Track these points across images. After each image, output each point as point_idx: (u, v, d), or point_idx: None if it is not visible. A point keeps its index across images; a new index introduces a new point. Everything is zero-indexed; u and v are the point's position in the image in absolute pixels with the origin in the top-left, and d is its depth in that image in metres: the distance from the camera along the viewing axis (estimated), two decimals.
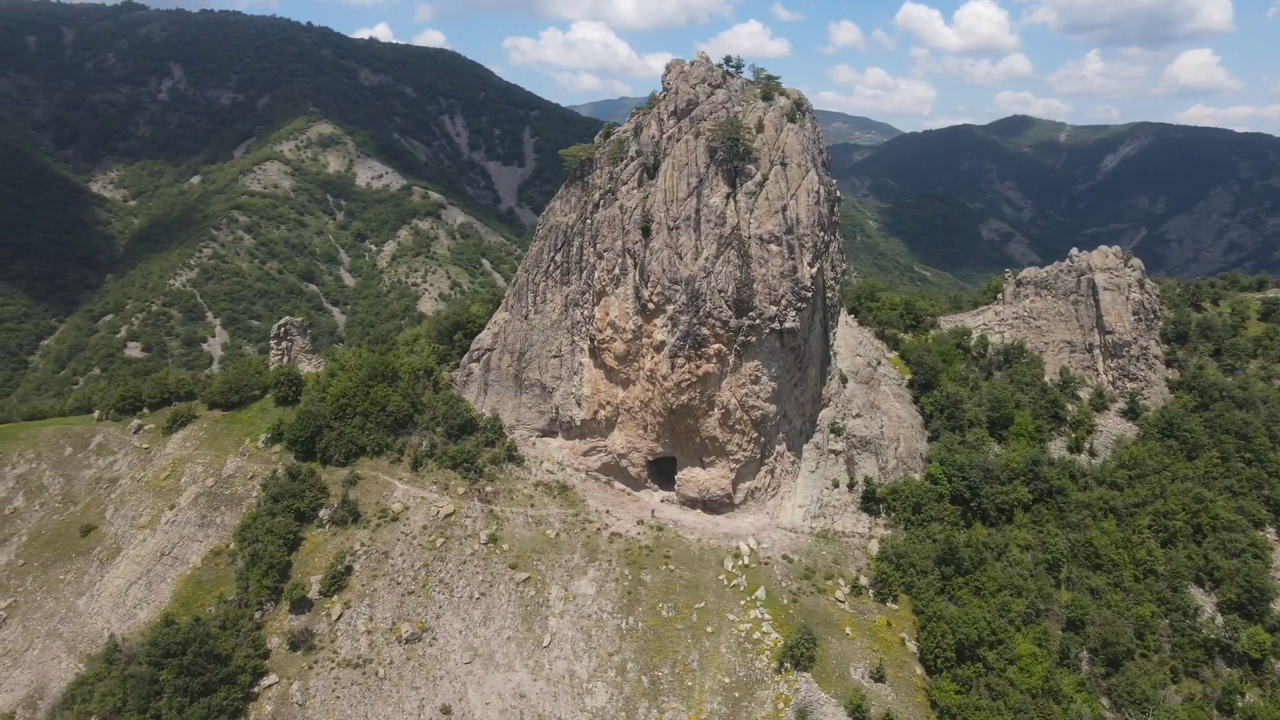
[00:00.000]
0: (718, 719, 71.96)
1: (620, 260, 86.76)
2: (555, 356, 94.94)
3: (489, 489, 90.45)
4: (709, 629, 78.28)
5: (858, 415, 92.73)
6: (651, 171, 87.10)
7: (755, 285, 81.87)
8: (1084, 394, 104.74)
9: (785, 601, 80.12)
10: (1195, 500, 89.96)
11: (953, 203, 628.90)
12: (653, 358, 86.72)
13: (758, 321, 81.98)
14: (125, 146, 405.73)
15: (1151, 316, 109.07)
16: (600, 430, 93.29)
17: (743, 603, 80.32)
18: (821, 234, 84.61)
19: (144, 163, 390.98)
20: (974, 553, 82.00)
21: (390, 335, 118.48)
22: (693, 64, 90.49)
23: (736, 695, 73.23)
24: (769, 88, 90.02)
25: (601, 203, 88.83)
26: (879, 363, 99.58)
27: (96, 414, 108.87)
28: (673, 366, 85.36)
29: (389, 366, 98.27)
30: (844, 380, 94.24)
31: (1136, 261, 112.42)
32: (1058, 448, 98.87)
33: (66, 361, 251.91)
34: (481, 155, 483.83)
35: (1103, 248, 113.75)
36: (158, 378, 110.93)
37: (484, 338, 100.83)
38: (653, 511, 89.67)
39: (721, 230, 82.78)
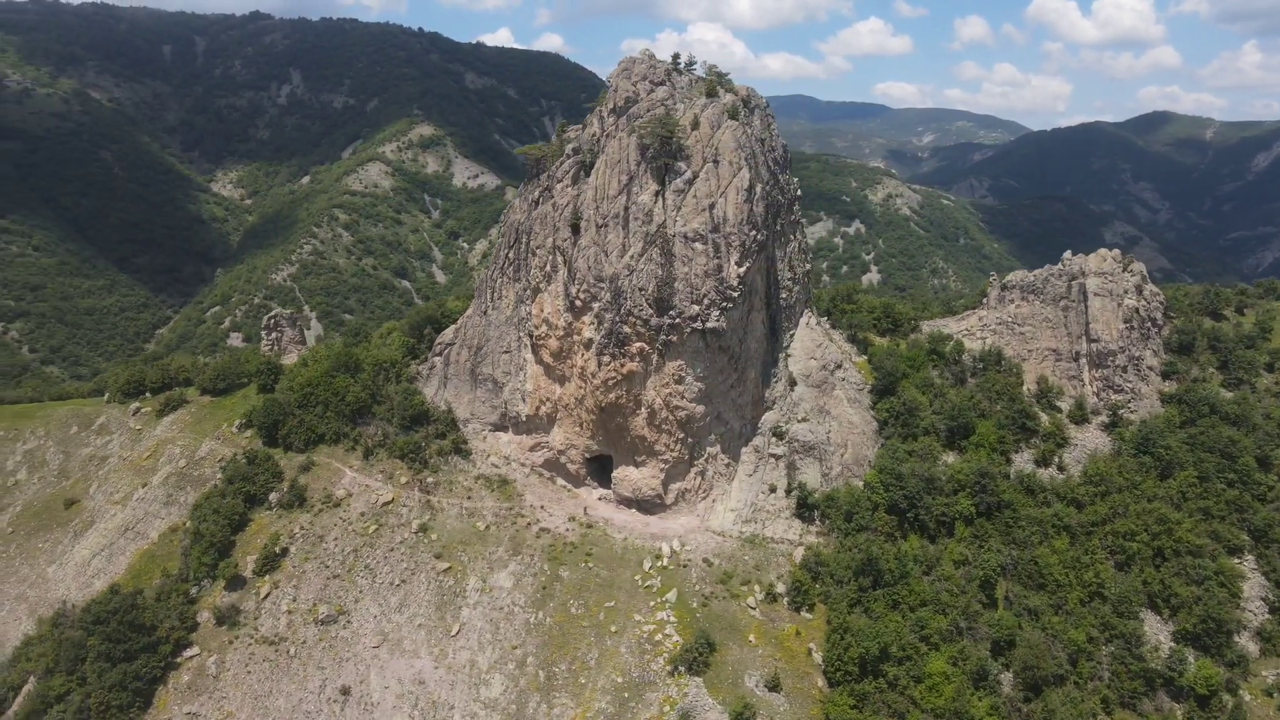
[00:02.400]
0: (603, 718, 71.80)
1: (551, 257, 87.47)
2: (506, 352, 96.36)
3: (431, 480, 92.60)
4: (613, 628, 78.12)
5: (803, 419, 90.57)
6: (589, 169, 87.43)
7: (676, 284, 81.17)
8: (1065, 405, 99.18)
9: (695, 605, 79.14)
10: (1158, 521, 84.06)
11: (1074, 204, 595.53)
12: (583, 355, 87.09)
13: (677, 321, 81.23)
14: (245, 148, 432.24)
15: (1148, 325, 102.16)
16: (543, 426, 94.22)
17: (652, 604, 79.77)
18: (754, 233, 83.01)
19: (260, 164, 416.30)
20: (897, 565, 79.01)
21: (365, 327, 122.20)
22: (635, 60, 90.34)
23: (626, 696, 72.89)
24: (713, 85, 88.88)
25: (540, 200, 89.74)
26: (838, 366, 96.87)
27: (106, 396, 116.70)
28: (599, 364, 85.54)
29: (353, 358, 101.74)
30: (793, 383, 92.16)
31: (1138, 266, 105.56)
32: (1024, 460, 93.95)
33: (175, 349, 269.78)
34: None
35: (1101, 251, 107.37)
36: (161, 364, 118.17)
37: (447, 333, 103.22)
38: (585, 509, 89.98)
39: (648, 228, 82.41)
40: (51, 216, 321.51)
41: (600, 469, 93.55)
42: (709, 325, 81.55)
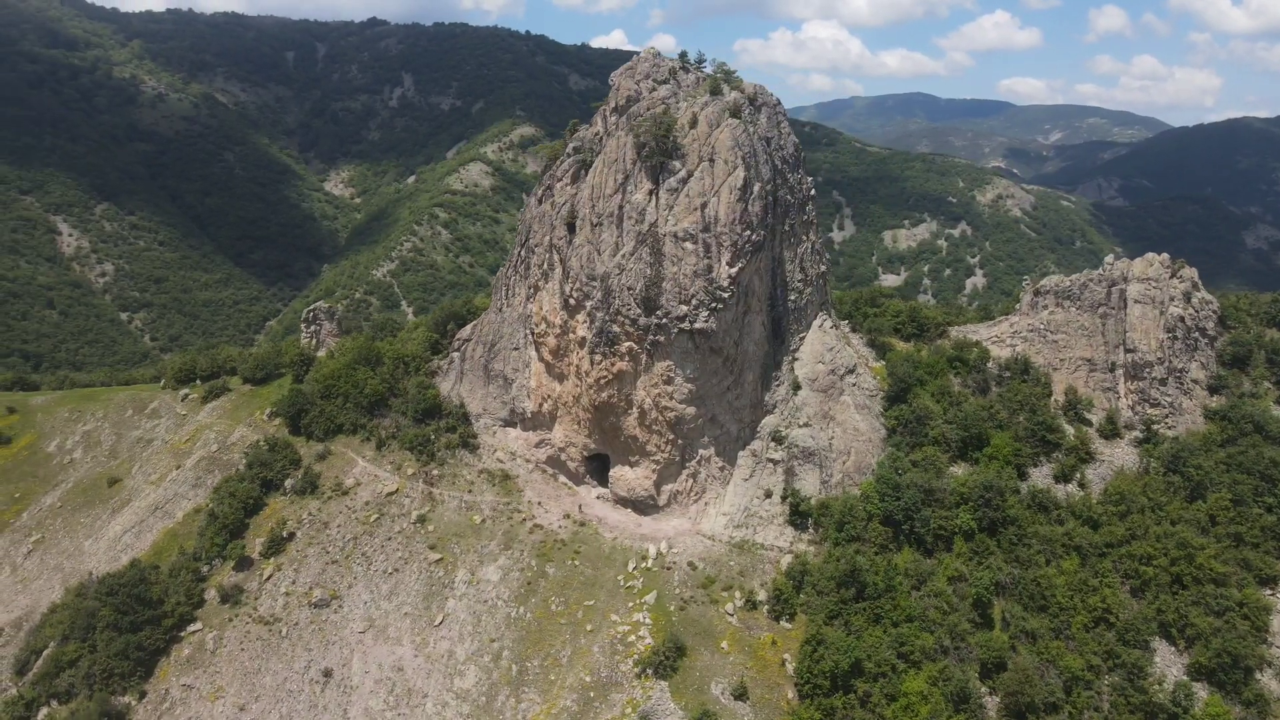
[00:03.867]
0: (567, 715, 71.92)
1: (548, 255, 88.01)
2: (515, 349, 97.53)
3: (435, 472, 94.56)
4: (589, 627, 78.12)
5: (805, 425, 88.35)
6: (589, 168, 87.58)
7: (665, 284, 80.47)
8: (1095, 418, 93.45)
9: (672, 608, 78.31)
10: (1178, 546, 78.20)
11: (1211, 205, 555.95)
12: (578, 353, 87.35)
13: (664, 321, 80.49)
14: (357, 149, 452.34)
15: (1196, 335, 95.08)
16: (546, 423, 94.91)
17: (631, 605, 79.39)
18: (748, 233, 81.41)
19: (370, 164, 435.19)
20: (882, 578, 76.10)
21: (390, 322, 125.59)
22: (640, 59, 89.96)
23: (591, 695, 72.81)
24: (717, 83, 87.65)
25: (542, 198, 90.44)
26: (849, 371, 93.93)
27: (162, 382, 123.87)
28: (592, 363, 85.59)
29: (375, 352, 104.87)
30: (797, 387, 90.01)
31: (1189, 272, 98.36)
32: (1042, 475, 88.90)
33: (280, 340, 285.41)
34: None
35: (1149, 255, 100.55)
36: (211, 353, 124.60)
37: (466, 329, 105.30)
38: (580, 506, 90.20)
39: (641, 227, 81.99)
40: (176, 214, 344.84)
41: (600, 467, 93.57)
42: (697, 326, 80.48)
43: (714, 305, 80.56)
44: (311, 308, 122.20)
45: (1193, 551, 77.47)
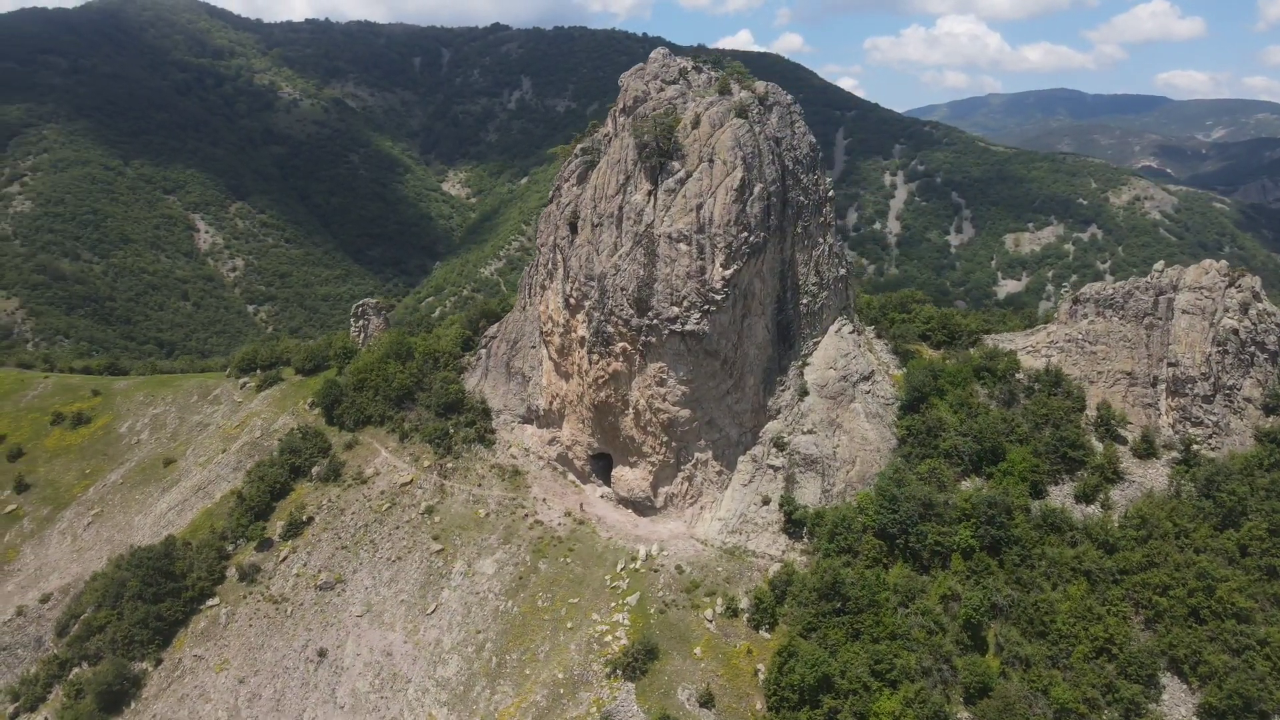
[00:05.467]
0: (535, 710, 72.63)
1: (552, 255, 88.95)
2: (533, 347, 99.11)
3: (449, 465, 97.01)
4: (570, 624, 78.63)
5: (810, 432, 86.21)
6: (595, 169, 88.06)
7: (656, 285, 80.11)
8: (1131, 435, 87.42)
9: (652, 611, 77.85)
10: (1198, 576, 72.30)
11: None
12: (579, 353, 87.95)
13: (655, 322, 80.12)
14: (475, 150, 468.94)
15: (1252, 350, 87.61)
16: (556, 421, 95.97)
17: (613, 605, 79.41)
18: (745, 235, 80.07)
19: (487, 165, 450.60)
20: (865, 592, 73.45)
21: (427, 318, 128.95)
22: (651, 59, 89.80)
23: (561, 692, 73.25)
24: (726, 82, 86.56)
25: (552, 198, 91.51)
26: (865, 378, 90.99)
27: (227, 371, 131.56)
28: (590, 362, 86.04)
29: (406, 346, 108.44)
30: (804, 393, 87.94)
31: (1250, 281, 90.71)
32: (1062, 494, 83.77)
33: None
34: None
35: (1206, 262, 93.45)
36: (271, 344, 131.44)
37: (494, 327, 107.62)
38: (581, 505, 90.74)
39: (638, 228, 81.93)
40: (303, 212, 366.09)
41: (605, 466, 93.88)
42: (688, 328, 79.73)
43: (706, 307, 79.62)
44: (360, 303, 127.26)
45: (1213, 583, 71.57)
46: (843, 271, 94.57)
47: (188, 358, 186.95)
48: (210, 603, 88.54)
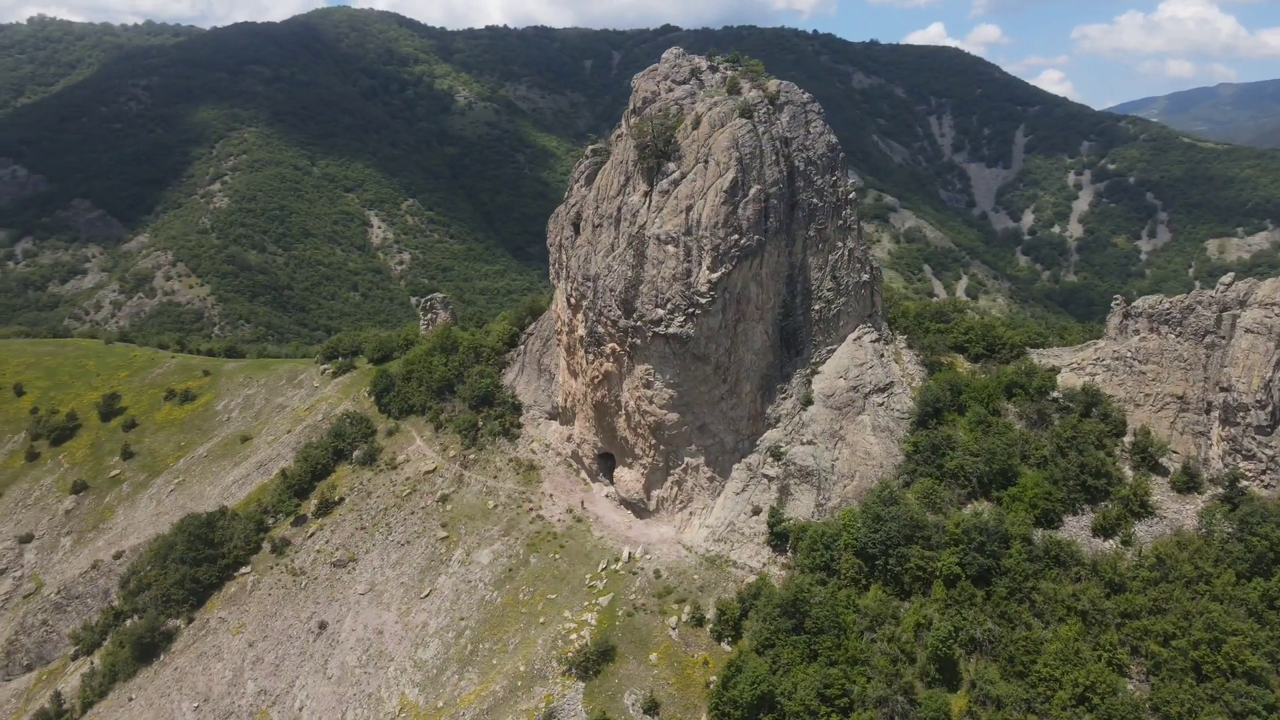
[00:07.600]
0: (493, 699, 74.33)
1: (558, 255, 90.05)
2: (559, 344, 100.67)
3: (472, 456, 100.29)
4: (542, 619, 79.77)
5: (809, 442, 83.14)
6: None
7: (642, 286, 79.66)
8: (1173, 466, 78.71)
9: (620, 613, 77.62)
10: (1206, 627, 64.29)
11: None
12: (580, 352, 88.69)
13: (639, 324, 79.68)
14: None
15: None
16: (571, 418, 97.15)
17: (586, 604, 79.81)
18: (734, 237, 78.28)
19: None
20: (827, 613, 70.10)
21: (479, 315, 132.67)
22: (663, 60, 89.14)
23: (519, 684, 74.55)
24: (735, 81, 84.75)
25: (565, 198, 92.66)
26: (880, 389, 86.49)
27: (315, 358, 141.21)
28: (587, 362, 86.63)
29: (452, 340, 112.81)
30: (808, 402, 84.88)
31: None
32: (1079, 526, 76.39)
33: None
34: (964, 157, 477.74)
35: None
36: (354, 334, 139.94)
37: (533, 325, 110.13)
38: (582, 502, 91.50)
39: (632, 229, 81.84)
40: (469, 209, 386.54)
41: (613, 465, 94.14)
42: (671, 330, 78.83)
43: (691, 310, 78.44)
44: (429, 296, 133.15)
45: (1221, 636, 63.59)
46: (865, 277, 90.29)
47: (293, 344, 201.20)
48: (243, 570, 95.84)
